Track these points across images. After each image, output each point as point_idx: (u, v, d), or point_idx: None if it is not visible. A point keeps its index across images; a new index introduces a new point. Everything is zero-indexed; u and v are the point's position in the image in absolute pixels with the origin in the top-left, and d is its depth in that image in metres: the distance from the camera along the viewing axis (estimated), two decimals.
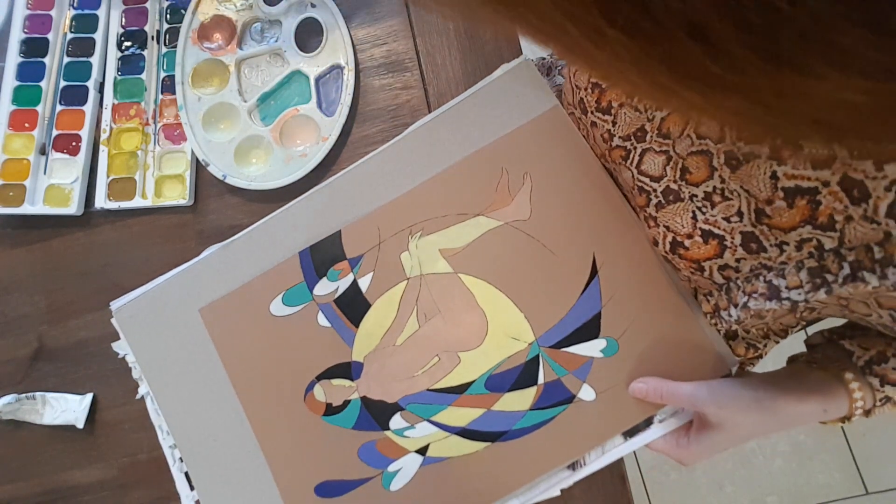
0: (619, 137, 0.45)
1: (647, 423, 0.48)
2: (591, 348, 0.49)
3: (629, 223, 0.50)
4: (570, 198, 0.51)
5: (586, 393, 0.49)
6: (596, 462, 0.49)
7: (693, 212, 0.42)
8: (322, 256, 0.53)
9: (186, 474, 0.52)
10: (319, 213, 0.54)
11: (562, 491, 0.49)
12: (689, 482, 1.31)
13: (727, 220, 0.40)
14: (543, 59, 0.80)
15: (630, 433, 0.49)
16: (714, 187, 0.40)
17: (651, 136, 0.43)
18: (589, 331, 0.49)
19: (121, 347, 0.55)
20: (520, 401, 0.49)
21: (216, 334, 0.53)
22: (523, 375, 0.50)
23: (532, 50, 0.56)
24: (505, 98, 0.53)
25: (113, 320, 0.54)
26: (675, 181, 0.42)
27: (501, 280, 0.51)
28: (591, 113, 0.47)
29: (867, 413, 0.46)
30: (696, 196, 0.41)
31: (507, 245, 0.51)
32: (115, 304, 0.54)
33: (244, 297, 0.53)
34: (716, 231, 0.41)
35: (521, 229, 0.51)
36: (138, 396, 0.55)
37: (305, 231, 0.53)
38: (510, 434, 0.49)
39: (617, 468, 0.51)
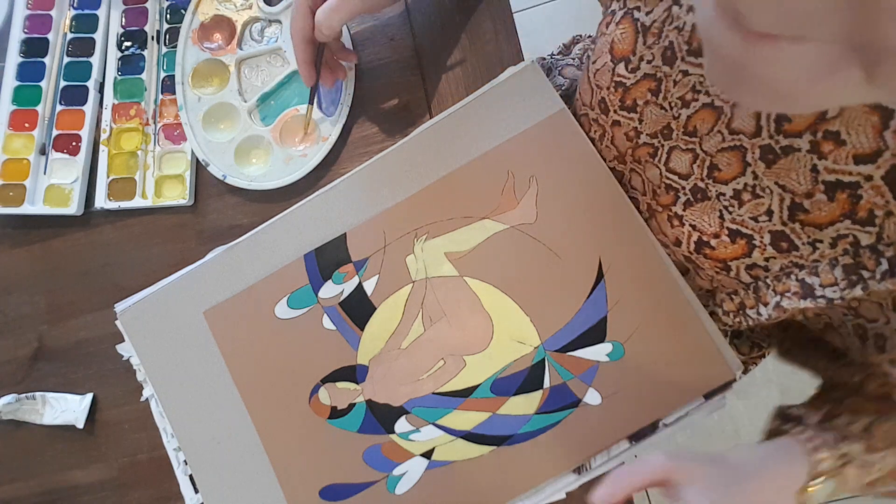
0: (647, 135, 0.45)
1: (654, 427, 0.48)
2: (597, 352, 0.49)
3: (635, 227, 0.50)
4: (576, 201, 0.51)
5: (592, 397, 0.49)
6: (602, 466, 0.48)
7: (720, 211, 0.42)
8: (327, 259, 0.53)
9: (191, 477, 0.52)
10: (324, 215, 0.53)
11: (567, 494, 0.49)
12: None
13: (755, 219, 0.39)
14: (543, 59, 0.80)
15: (636, 437, 0.48)
16: (745, 184, 0.39)
17: (677, 134, 0.43)
18: (595, 335, 0.49)
19: (125, 349, 0.55)
20: (525, 405, 0.49)
21: (221, 337, 0.53)
22: (529, 379, 0.49)
23: (531, 50, 0.56)
24: (511, 101, 0.53)
25: (117, 322, 0.54)
26: (702, 179, 0.42)
27: (507, 284, 0.51)
28: (615, 112, 0.47)
29: (836, 472, 0.43)
30: (723, 195, 0.41)
31: (513, 248, 0.51)
32: (119, 307, 0.54)
33: (249, 299, 0.53)
34: (743, 230, 0.41)
35: (526, 233, 0.51)
36: (143, 399, 0.55)
37: (310, 234, 0.53)
38: (516, 438, 0.49)
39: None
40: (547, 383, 0.49)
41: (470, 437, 0.49)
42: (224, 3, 0.60)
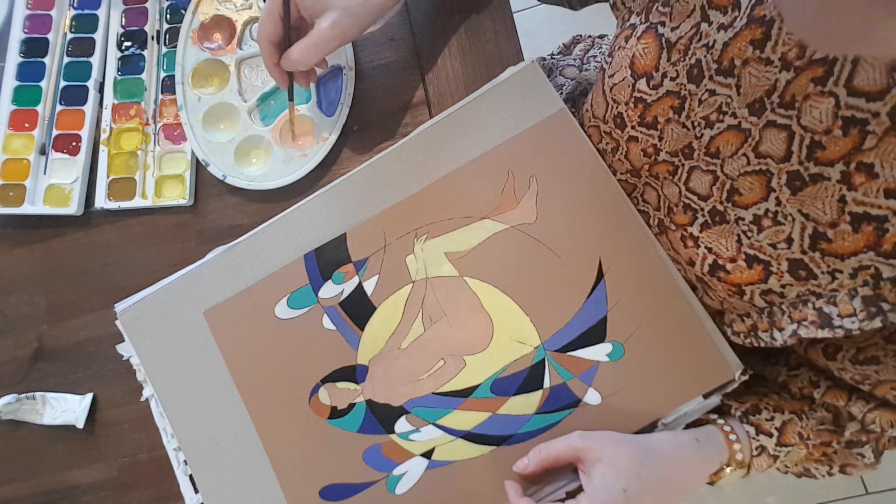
0: (667, 153, 0.44)
1: (653, 426, 0.48)
2: (597, 352, 0.49)
3: (635, 227, 0.50)
4: (577, 201, 0.51)
5: (592, 397, 0.49)
6: None
7: (738, 235, 0.41)
8: (327, 259, 0.53)
9: (191, 477, 0.52)
10: (324, 215, 0.54)
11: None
12: None
13: (773, 245, 0.39)
14: (543, 59, 0.80)
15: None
16: (766, 210, 0.39)
17: (699, 154, 0.42)
18: (595, 335, 0.49)
19: (125, 349, 0.55)
20: (525, 405, 0.49)
21: (221, 337, 0.53)
22: (529, 379, 0.49)
23: (531, 50, 0.56)
24: (511, 101, 0.53)
25: (117, 322, 0.54)
26: (721, 202, 0.42)
27: (507, 283, 0.51)
28: (633, 128, 0.46)
29: (747, 467, 0.47)
30: (742, 219, 0.41)
31: (513, 249, 0.51)
32: (119, 307, 0.54)
33: (249, 299, 0.53)
34: (761, 256, 0.40)
35: (526, 233, 0.51)
36: (143, 398, 0.55)
37: (310, 234, 0.53)
38: (516, 438, 0.49)
39: None
40: (547, 383, 0.49)
41: (470, 437, 0.50)
42: (224, 3, 0.60)
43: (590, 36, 0.81)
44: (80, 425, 0.56)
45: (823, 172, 0.35)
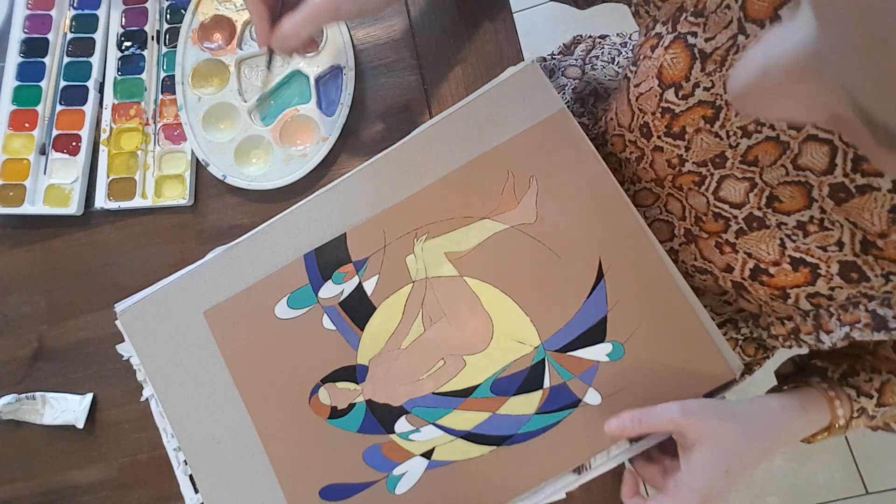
0: (693, 163, 0.44)
1: None
2: (597, 352, 0.49)
3: (635, 227, 0.50)
4: (577, 201, 0.51)
5: (592, 397, 0.49)
6: (602, 466, 0.48)
7: (781, 239, 0.41)
8: (327, 259, 0.53)
9: (191, 477, 0.52)
10: (324, 215, 0.53)
11: (566, 494, 0.49)
12: None
13: (823, 248, 0.39)
14: (544, 60, 0.80)
15: (636, 437, 0.48)
16: (811, 217, 0.39)
17: (733, 163, 0.42)
18: (595, 335, 0.49)
19: (125, 349, 0.55)
20: (525, 405, 0.49)
21: (221, 337, 0.53)
22: (529, 379, 0.49)
23: (531, 50, 0.56)
24: (511, 101, 0.53)
25: (117, 322, 0.54)
26: (759, 208, 0.41)
27: (507, 283, 0.51)
28: (659, 138, 0.45)
29: (846, 425, 0.46)
30: (784, 224, 0.40)
31: (513, 248, 0.51)
32: (119, 307, 0.54)
33: (249, 299, 0.53)
34: (808, 259, 0.40)
35: (526, 233, 0.51)
36: (143, 399, 0.55)
37: (310, 234, 0.53)
38: (516, 438, 0.49)
39: (617, 470, 0.51)
40: (547, 383, 0.49)
41: (470, 437, 0.49)
42: (224, 2, 0.60)
43: (590, 36, 0.81)
44: (80, 425, 0.56)
45: (872, 183, 0.34)
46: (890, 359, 0.49)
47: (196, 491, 0.52)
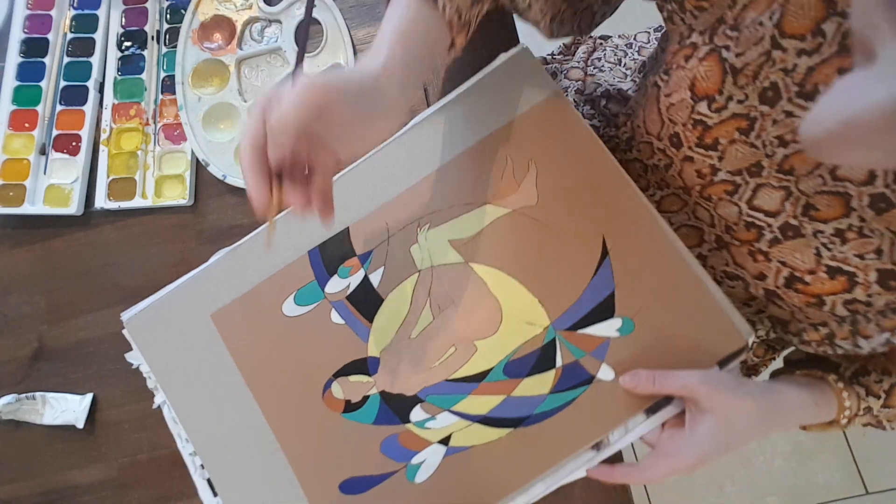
0: (728, 172, 0.43)
1: (668, 398, 0.48)
2: (607, 328, 0.49)
3: (636, 203, 0.50)
4: (576, 181, 0.51)
5: (605, 373, 0.49)
6: (620, 441, 0.48)
7: (817, 248, 0.41)
8: (331, 254, 0.53)
9: (209, 481, 0.52)
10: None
11: (563, 490, 0.49)
12: (689, 482, 1.31)
13: (860, 257, 0.39)
14: (545, 61, 0.80)
15: (652, 410, 0.48)
16: (849, 225, 0.38)
17: (769, 172, 0.41)
18: (604, 311, 0.49)
19: (134, 358, 0.55)
20: (539, 385, 0.49)
21: (230, 339, 0.53)
22: (541, 360, 0.50)
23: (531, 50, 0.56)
24: (505, 87, 0.53)
25: (125, 331, 0.54)
26: (794, 216, 0.41)
27: (513, 266, 0.51)
28: (690, 148, 0.45)
29: (849, 422, 0.47)
30: (821, 232, 0.40)
31: (517, 232, 0.51)
32: (125, 315, 0.54)
33: (255, 299, 0.53)
34: (845, 268, 0.40)
35: (529, 215, 0.51)
36: (155, 406, 0.54)
37: (312, 230, 0.53)
38: (532, 419, 0.49)
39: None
40: (559, 362, 0.49)
41: (486, 420, 0.49)
42: (224, 3, 0.60)
43: (591, 37, 0.81)
44: (80, 425, 0.56)
45: None
46: (845, 337, 0.49)
47: (215, 494, 0.52)
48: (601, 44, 0.80)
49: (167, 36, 0.61)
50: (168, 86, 0.61)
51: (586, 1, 0.48)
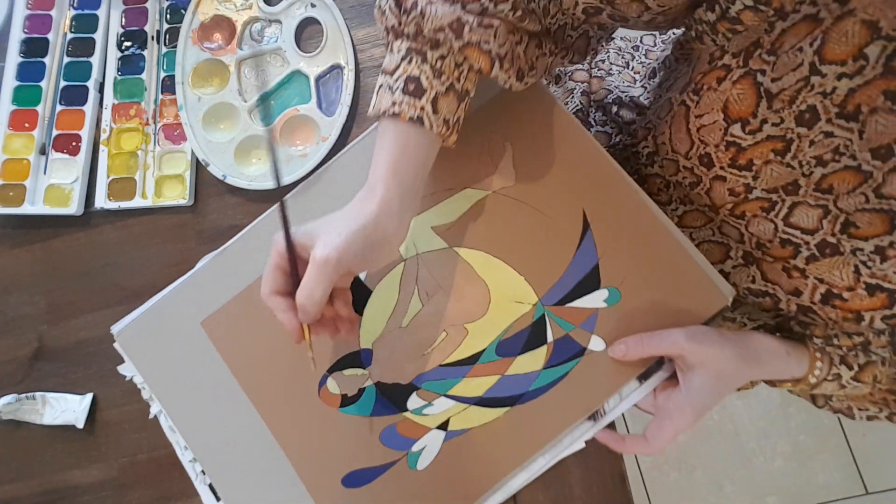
0: (763, 190, 0.43)
1: (660, 363, 0.49)
2: (594, 300, 0.50)
3: (612, 174, 0.51)
4: (552, 158, 0.52)
5: (596, 343, 0.50)
6: (616, 409, 0.49)
7: (856, 266, 0.41)
8: None
9: (210, 486, 0.52)
10: (307, 208, 0.54)
11: (585, 443, 0.50)
12: (689, 482, 1.31)
13: None
14: None
15: (644, 375, 0.49)
16: (891, 242, 0.38)
17: (806, 190, 0.41)
18: (590, 283, 0.50)
19: (127, 370, 0.55)
20: (532, 361, 0.50)
21: (221, 344, 0.53)
22: (532, 336, 0.50)
23: None
24: None
25: (116, 345, 0.54)
26: (832, 234, 0.41)
27: (497, 247, 0.52)
28: (722, 168, 0.45)
29: (817, 384, 0.48)
30: (860, 250, 0.40)
31: (498, 212, 0.52)
32: (115, 328, 0.54)
33: (244, 303, 0.53)
34: (884, 285, 0.40)
35: (508, 195, 0.52)
36: (151, 416, 0.54)
37: (296, 228, 0.53)
38: (528, 395, 0.50)
39: (617, 468, 0.51)
40: (550, 337, 0.50)
41: (482, 402, 0.50)
42: (224, 3, 0.60)
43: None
44: (80, 425, 0.56)
45: None
46: (882, 346, 0.50)
47: (218, 499, 0.52)
48: (603, 46, 0.79)
49: (167, 36, 0.61)
50: (168, 86, 0.61)
51: (581, 29, 0.48)
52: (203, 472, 0.52)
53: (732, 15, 0.38)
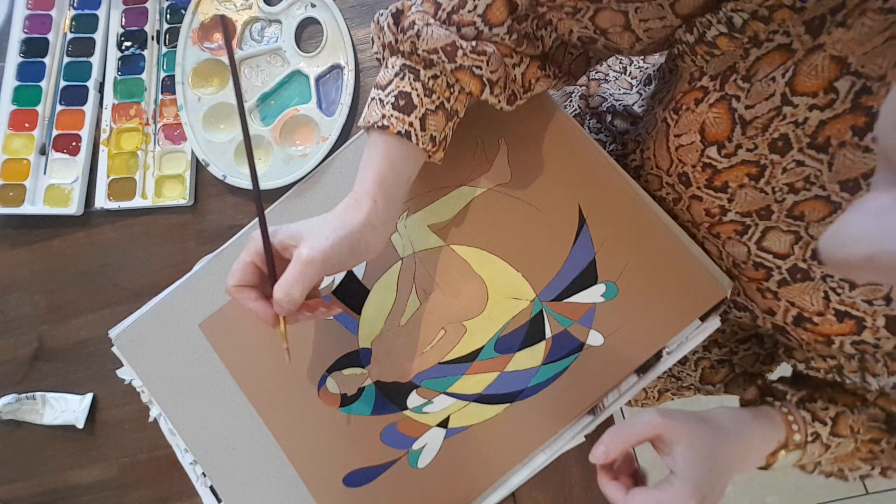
0: (737, 213, 0.44)
1: (658, 356, 0.49)
2: (591, 295, 0.50)
3: (607, 168, 0.51)
4: (547, 154, 0.52)
5: (594, 338, 0.50)
6: (615, 403, 0.50)
7: (826, 292, 0.41)
8: None
9: (211, 488, 0.52)
10: (304, 209, 0.54)
11: (585, 437, 0.50)
12: None
13: (869, 302, 0.39)
14: None
15: (642, 369, 0.50)
16: None
17: (778, 216, 0.41)
18: (587, 278, 0.50)
19: (126, 373, 0.54)
20: (531, 358, 0.50)
21: (220, 346, 0.53)
22: (530, 332, 0.50)
23: None
24: None
25: (114, 349, 0.54)
26: (804, 260, 0.41)
27: (493, 244, 0.52)
28: (699, 188, 0.45)
29: (803, 446, 0.47)
30: (830, 277, 0.40)
31: (494, 209, 0.52)
32: (113, 332, 0.54)
33: None
34: (853, 312, 0.40)
35: (504, 192, 0.52)
36: (150, 419, 0.54)
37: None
38: (527, 391, 0.50)
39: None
40: (548, 333, 0.50)
41: (482, 398, 0.50)
42: (224, 3, 0.60)
43: None
44: (80, 425, 0.56)
45: None
46: (849, 393, 0.50)
47: (219, 500, 0.52)
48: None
49: (167, 36, 0.61)
50: (168, 86, 0.61)
51: (579, 49, 0.48)
52: (204, 474, 0.52)
53: (709, 39, 0.38)
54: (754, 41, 0.37)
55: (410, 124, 0.42)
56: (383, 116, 0.42)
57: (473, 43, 0.41)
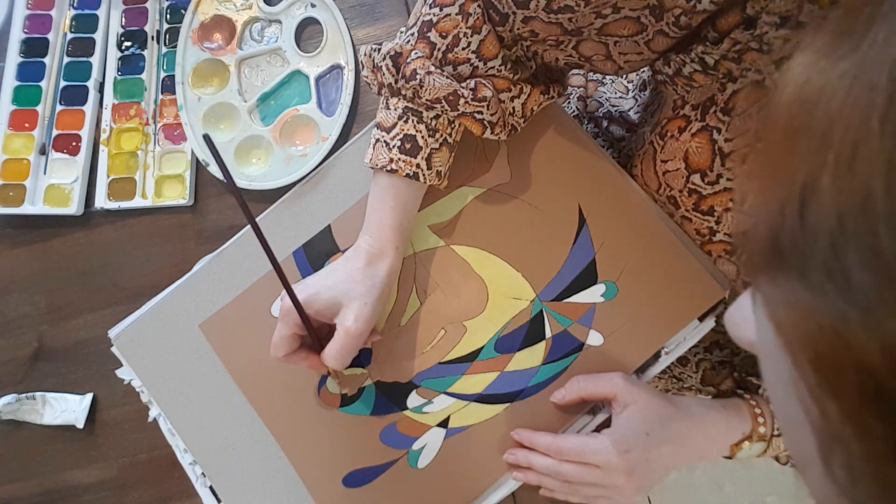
0: (725, 234, 0.45)
1: (656, 357, 0.50)
2: (591, 295, 0.50)
3: (607, 169, 0.51)
4: (547, 154, 0.52)
5: (594, 338, 0.50)
6: None
7: None
8: (316, 252, 0.53)
9: (211, 488, 0.52)
10: (305, 210, 0.54)
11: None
12: (689, 482, 1.31)
13: None
14: None
15: (641, 369, 0.50)
16: None
17: None
18: (587, 278, 0.51)
19: (125, 374, 0.54)
20: (531, 358, 0.50)
21: (220, 347, 0.53)
22: (530, 332, 0.50)
23: None
24: None
25: (113, 349, 0.54)
26: None
27: (494, 244, 0.52)
28: (687, 211, 0.47)
29: (768, 438, 0.48)
30: None
31: (494, 209, 0.52)
32: (113, 332, 0.54)
33: (243, 305, 0.53)
34: None
35: (504, 192, 0.52)
36: (150, 419, 0.54)
37: (294, 230, 0.53)
38: (527, 391, 0.50)
39: None
40: (548, 333, 0.50)
41: (482, 398, 0.50)
42: (224, 3, 0.60)
43: None
44: (80, 425, 0.56)
45: None
46: None
47: (218, 501, 0.52)
48: None
49: (167, 36, 0.61)
50: (168, 86, 0.61)
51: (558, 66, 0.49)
52: (203, 474, 0.52)
53: (685, 74, 0.40)
54: (729, 77, 0.38)
55: (417, 165, 0.44)
56: (391, 161, 0.44)
57: (472, 86, 0.43)
